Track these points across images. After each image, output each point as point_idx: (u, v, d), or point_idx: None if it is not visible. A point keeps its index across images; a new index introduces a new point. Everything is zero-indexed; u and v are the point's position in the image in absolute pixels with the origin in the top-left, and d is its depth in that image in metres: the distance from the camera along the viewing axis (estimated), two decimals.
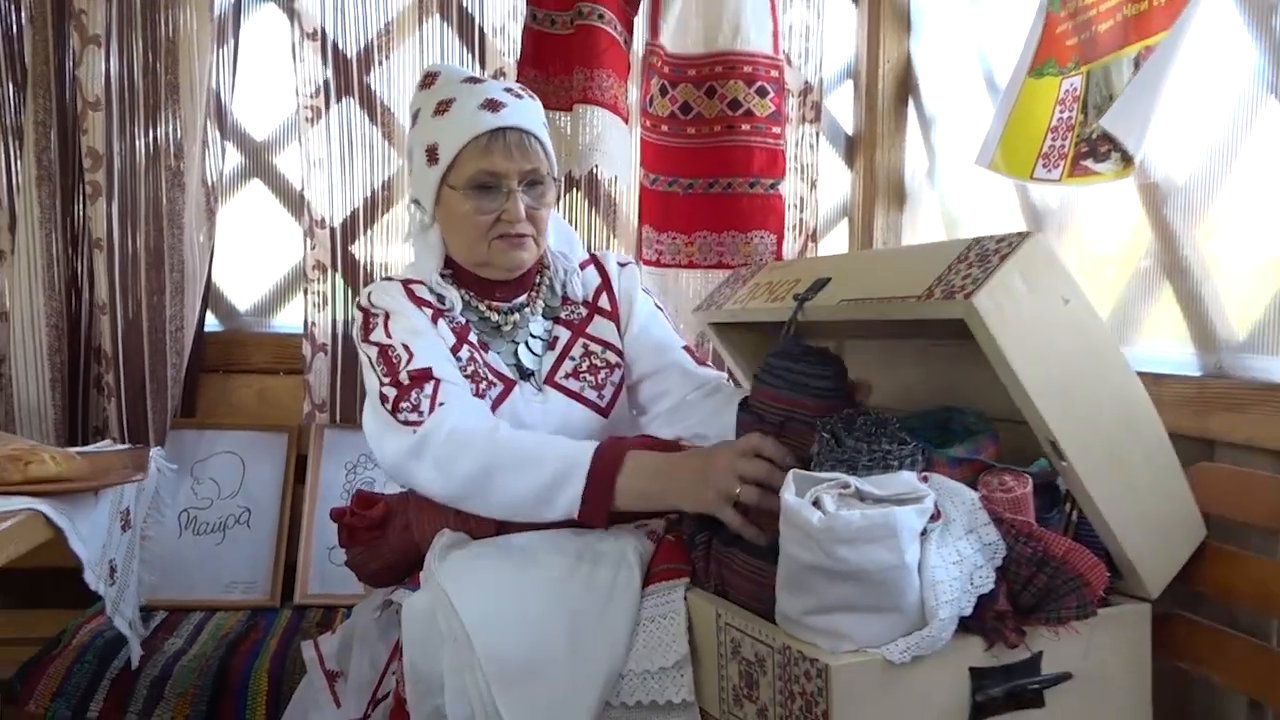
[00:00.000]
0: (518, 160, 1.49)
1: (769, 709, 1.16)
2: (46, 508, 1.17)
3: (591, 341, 1.62)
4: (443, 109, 1.52)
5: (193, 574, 2.14)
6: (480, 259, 1.54)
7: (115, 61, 2.08)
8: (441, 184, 1.51)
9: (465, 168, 1.49)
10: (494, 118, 1.49)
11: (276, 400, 2.33)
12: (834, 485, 1.13)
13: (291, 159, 2.35)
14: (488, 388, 1.51)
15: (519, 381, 1.55)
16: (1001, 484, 1.17)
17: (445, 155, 1.50)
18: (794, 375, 1.31)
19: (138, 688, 1.75)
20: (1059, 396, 1.17)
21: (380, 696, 1.49)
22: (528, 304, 1.61)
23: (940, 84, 2.36)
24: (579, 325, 1.63)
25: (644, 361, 1.65)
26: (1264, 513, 1.28)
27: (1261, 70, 1.43)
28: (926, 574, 1.10)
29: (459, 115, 1.50)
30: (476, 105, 1.50)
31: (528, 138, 1.51)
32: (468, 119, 1.49)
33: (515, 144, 1.49)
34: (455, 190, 1.50)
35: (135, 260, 2.11)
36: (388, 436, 1.41)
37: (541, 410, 1.54)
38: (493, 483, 1.35)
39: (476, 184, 1.49)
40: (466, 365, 1.51)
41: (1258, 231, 1.46)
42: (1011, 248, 1.17)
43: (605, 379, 1.61)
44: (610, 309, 1.65)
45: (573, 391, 1.57)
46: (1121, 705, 1.24)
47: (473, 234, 1.52)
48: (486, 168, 1.48)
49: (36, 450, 1.24)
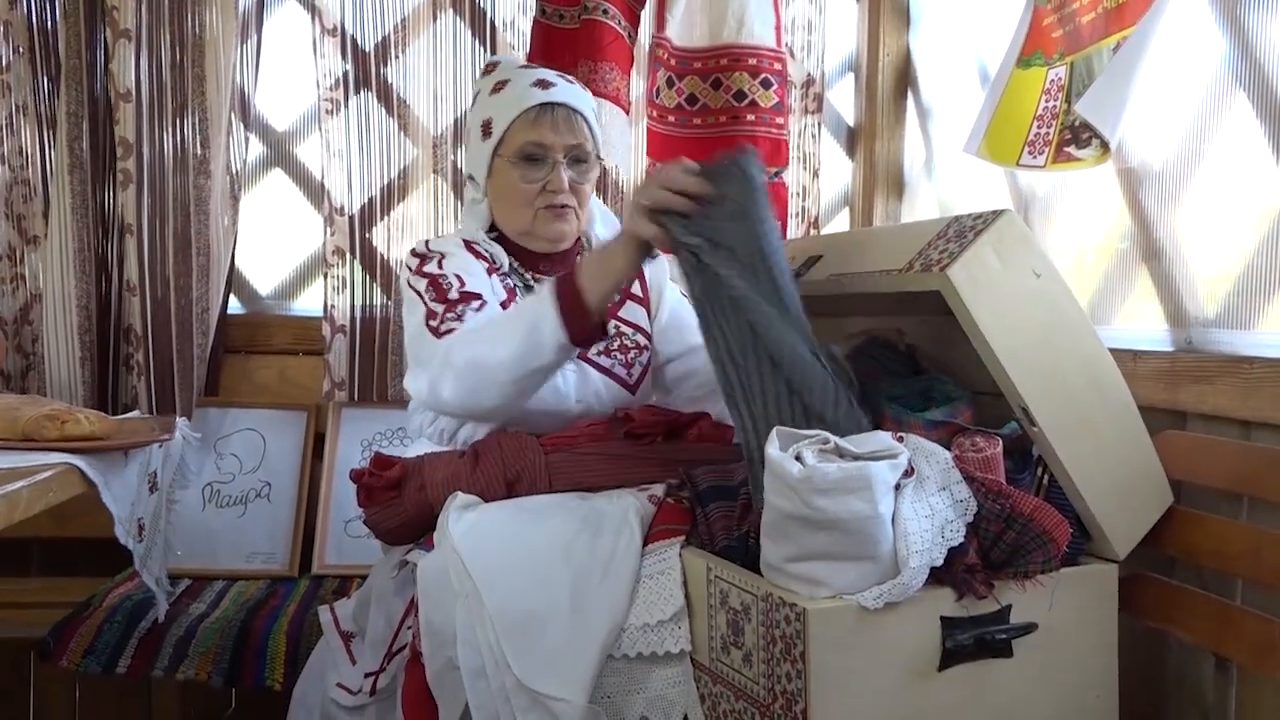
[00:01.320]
0: (564, 134, 1.60)
1: (753, 654, 1.24)
2: (82, 463, 1.26)
3: (623, 324, 1.71)
4: (499, 88, 1.64)
5: (216, 544, 2.24)
6: (525, 228, 1.64)
7: (145, 56, 2.18)
8: (494, 156, 1.62)
9: (515, 139, 1.60)
10: (544, 94, 1.61)
11: (296, 380, 2.43)
12: (814, 441, 1.21)
13: (310, 149, 2.45)
14: None
15: None
16: (973, 445, 1.24)
17: (498, 128, 1.61)
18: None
19: (164, 646, 1.85)
20: (1030, 365, 1.25)
21: (395, 650, 1.57)
22: None
23: (938, 77, 2.43)
24: (612, 308, 1.69)
25: (672, 344, 1.75)
26: (1226, 477, 1.35)
27: (1230, 60, 1.49)
28: (900, 525, 1.18)
29: (512, 92, 1.63)
30: (529, 84, 1.62)
31: (574, 115, 1.62)
32: (519, 94, 1.61)
33: (562, 119, 1.60)
34: (505, 160, 1.61)
35: (164, 245, 2.21)
36: (418, 370, 1.53)
37: (576, 380, 1.63)
38: (485, 357, 1.44)
39: (524, 154, 1.59)
40: None
41: (1226, 214, 1.52)
42: (986, 224, 1.25)
43: (634, 358, 1.70)
44: (642, 295, 1.75)
45: (604, 367, 1.67)
46: (1087, 660, 1.31)
47: (520, 201, 1.62)
48: (534, 139, 1.59)
49: (72, 411, 1.33)
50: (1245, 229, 1.48)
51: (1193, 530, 1.36)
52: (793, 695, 1.17)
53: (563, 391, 1.61)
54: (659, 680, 1.36)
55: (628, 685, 1.36)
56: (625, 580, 1.38)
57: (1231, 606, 1.29)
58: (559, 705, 1.30)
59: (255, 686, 1.85)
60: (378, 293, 2.38)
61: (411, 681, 1.49)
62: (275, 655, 1.87)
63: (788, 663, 1.18)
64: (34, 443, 1.29)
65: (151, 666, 1.82)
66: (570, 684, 1.32)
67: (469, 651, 1.35)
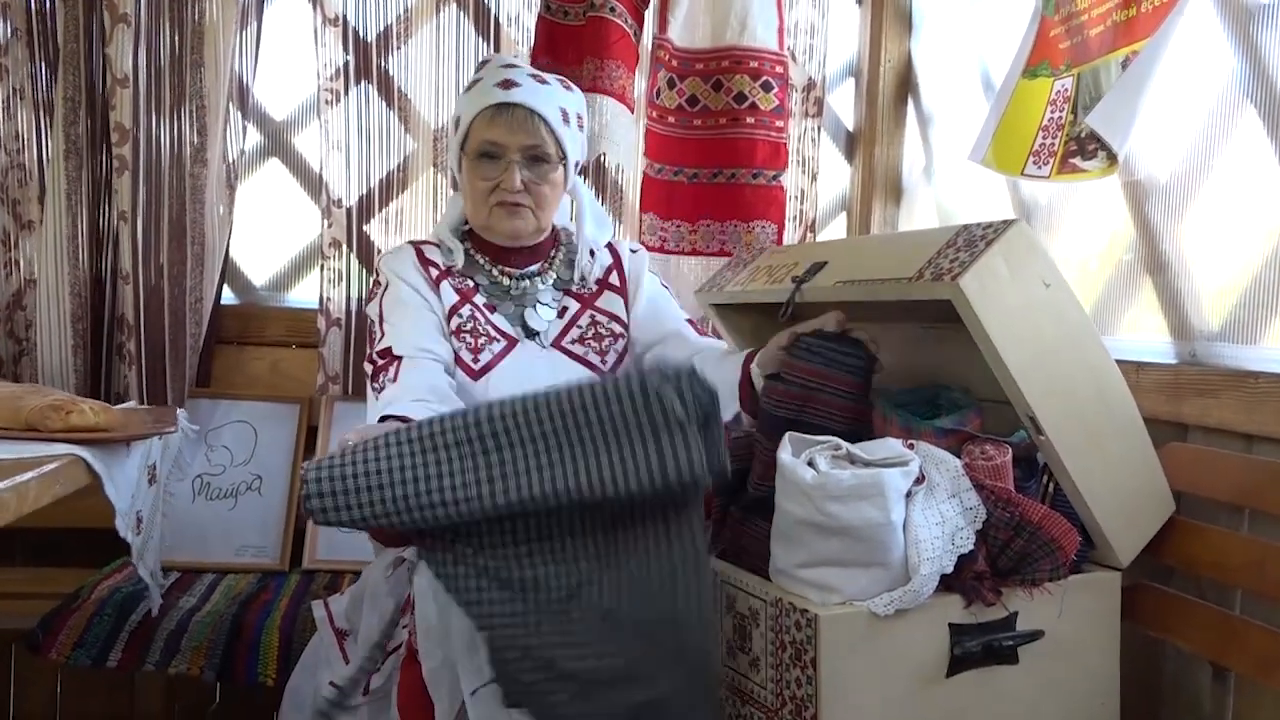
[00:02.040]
0: (518, 134, 1.62)
1: (760, 659, 1.24)
2: (87, 455, 1.25)
3: (599, 313, 1.73)
4: (471, 86, 1.68)
5: (206, 537, 2.21)
6: (483, 223, 1.69)
7: (144, 41, 2.15)
8: (460, 151, 1.67)
9: (475, 137, 1.64)
10: (504, 94, 1.63)
11: (289, 372, 2.40)
12: (826, 447, 1.21)
13: (307, 140, 2.43)
14: (488, 343, 1.64)
15: (523, 340, 1.67)
16: (983, 453, 1.25)
17: (463, 125, 1.66)
18: (830, 352, 1.38)
19: (155, 640, 1.82)
20: (1038, 374, 1.26)
21: (390, 649, 1.56)
22: (540, 273, 1.72)
23: (939, 83, 2.44)
24: (588, 299, 1.74)
25: (649, 332, 1.77)
26: (1229, 490, 1.37)
27: (1240, 76, 1.50)
28: (910, 532, 1.19)
29: (478, 90, 1.66)
30: (494, 83, 1.65)
31: (533, 116, 1.63)
32: (482, 93, 1.64)
33: (519, 119, 1.62)
34: (467, 157, 1.66)
35: (158, 233, 2.18)
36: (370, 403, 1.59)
37: (548, 366, 1.65)
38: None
39: (481, 152, 1.63)
40: (467, 322, 1.64)
41: (1232, 229, 1.54)
42: (997, 234, 1.26)
43: (609, 346, 1.72)
44: (620, 285, 1.77)
45: (577, 355, 1.69)
46: (1091, 667, 1.32)
47: (476, 198, 1.66)
48: (489, 137, 1.63)
49: (76, 401, 1.31)
50: (1252, 244, 1.49)
51: (1194, 541, 1.38)
52: (802, 701, 1.17)
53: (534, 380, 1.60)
54: None
55: None
56: None
57: (1235, 618, 1.30)
58: None
59: (248, 682, 1.83)
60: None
61: (407, 680, 1.49)
62: (268, 650, 1.85)
63: (798, 668, 1.18)
64: (37, 433, 1.27)
65: (143, 661, 1.80)
66: None
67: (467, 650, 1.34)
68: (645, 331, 1.75)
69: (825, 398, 1.36)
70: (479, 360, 1.63)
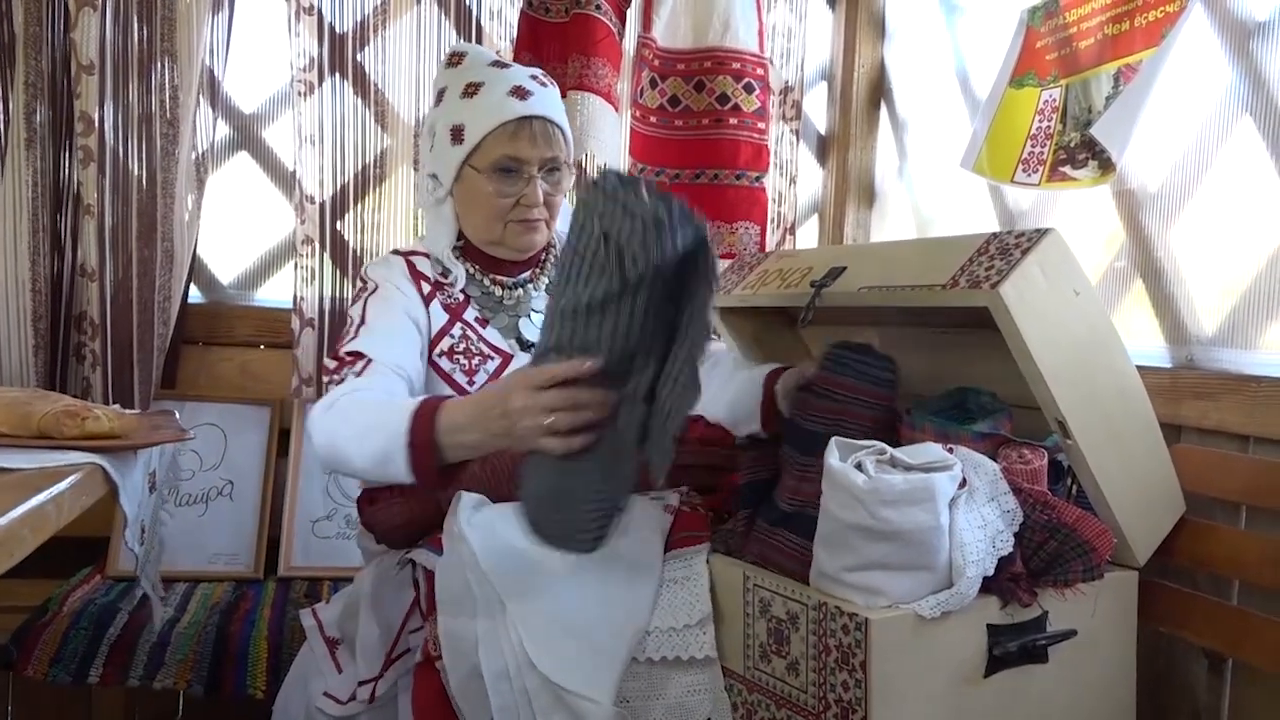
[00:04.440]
0: (541, 148, 1.56)
1: (800, 662, 1.25)
2: (104, 463, 1.19)
3: None
4: (471, 91, 1.57)
5: (174, 545, 2.11)
6: (494, 238, 1.61)
7: (110, 25, 2.06)
8: (464, 164, 1.57)
9: (490, 151, 1.55)
10: (522, 105, 1.55)
11: (259, 373, 2.33)
12: (871, 452, 1.22)
13: (277, 133, 2.35)
14: (482, 362, 1.58)
15: (518, 354, 1.61)
16: (1020, 457, 1.28)
17: (471, 137, 1.55)
18: (862, 365, 1.38)
19: (137, 654, 1.75)
20: (1068, 379, 1.29)
21: (395, 656, 1.53)
22: (531, 280, 1.68)
23: (913, 89, 2.49)
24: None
25: None
26: (1235, 489, 1.43)
27: (1237, 88, 1.57)
28: (955, 536, 1.20)
29: (487, 99, 1.56)
30: (505, 92, 1.56)
31: (552, 126, 1.58)
32: (496, 104, 1.55)
33: (540, 132, 1.56)
34: (478, 172, 1.56)
35: (125, 228, 2.09)
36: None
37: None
38: (342, 451, 1.40)
39: (500, 168, 1.55)
40: (459, 343, 1.57)
41: (1228, 236, 1.60)
42: (1032, 242, 1.28)
43: None
44: None
45: None
46: (1110, 664, 1.36)
47: (490, 214, 1.58)
48: (511, 153, 1.55)
49: (89, 407, 1.25)
50: (1248, 250, 1.55)
51: (1201, 538, 1.43)
52: (850, 704, 1.18)
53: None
54: (679, 687, 1.35)
55: (647, 690, 1.36)
56: (649, 583, 1.37)
57: (1251, 614, 1.35)
58: (586, 705, 1.28)
59: (236, 695, 1.77)
60: (348, 285, 2.30)
61: (423, 689, 1.45)
62: (257, 663, 1.79)
63: (844, 672, 1.19)
64: (51, 440, 1.20)
65: (126, 676, 1.72)
66: (598, 684, 1.30)
67: (491, 655, 1.32)
68: None
69: (858, 410, 1.36)
70: (474, 382, 1.58)
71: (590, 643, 1.32)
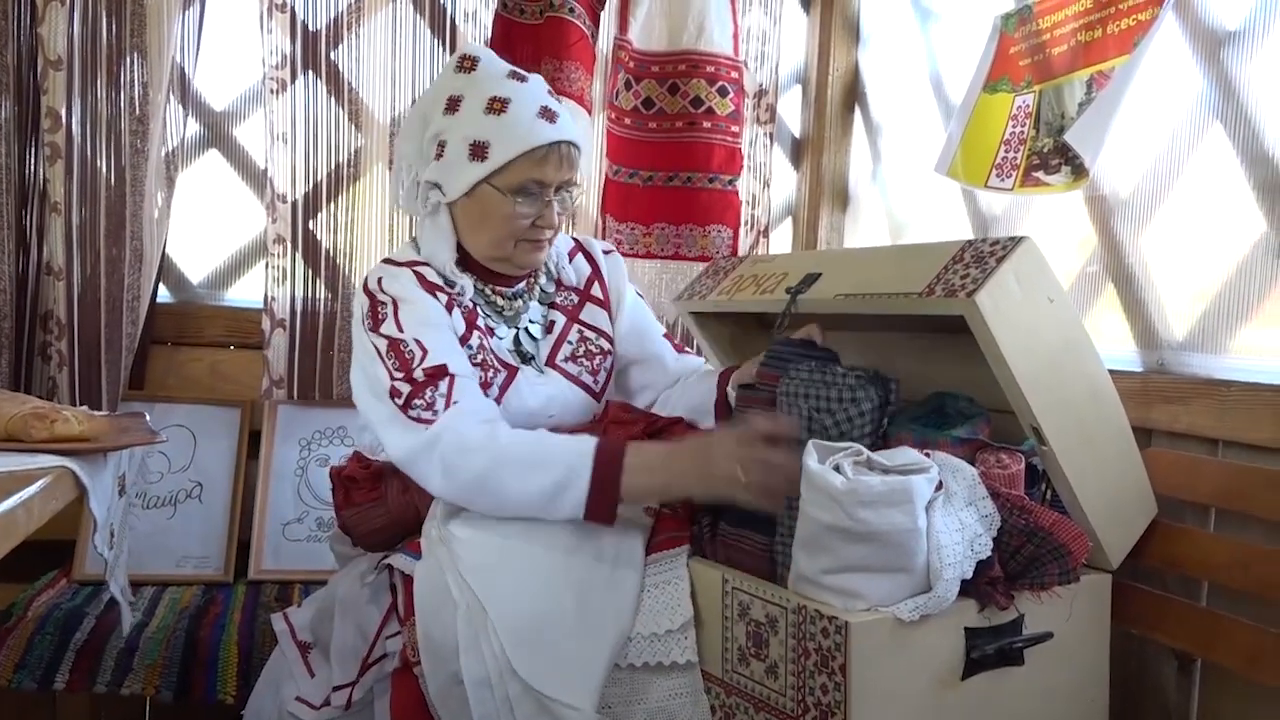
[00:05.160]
0: (564, 171, 1.53)
1: (779, 665, 1.25)
2: (75, 466, 1.17)
3: (585, 328, 1.68)
4: (498, 108, 1.50)
5: (142, 548, 2.09)
6: (502, 255, 1.56)
7: (78, 20, 2.02)
8: (483, 181, 1.51)
9: (516, 174, 1.50)
10: (553, 130, 1.51)
11: (229, 374, 2.30)
12: (850, 453, 1.22)
13: (249, 131, 2.33)
14: (494, 374, 1.54)
15: (521, 367, 1.59)
16: (998, 461, 1.29)
17: (498, 157, 1.49)
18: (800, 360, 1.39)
19: (104, 659, 1.72)
20: (1043, 386, 1.30)
21: (371, 661, 1.51)
22: (527, 290, 1.65)
23: (887, 93, 2.50)
24: (573, 311, 1.68)
25: (631, 349, 1.74)
26: (1205, 492, 1.45)
27: (1207, 96, 1.59)
28: (933, 539, 1.21)
29: (517, 120, 1.49)
30: (534, 113, 1.51)
31: (575, 150, 1.55)
32: (527, 127, 1.49)
33: (566, 156, 1.53)
34: (499, 191, 1.51)
35: (93, 226, 2.06)
36: (397, 432, 1.42)
37: (545, 394, 1.59)
38: (498, 487, 1.38)
39: (525, 191, 1.51)
40: (476, 354, 1.53)
41: (1199, 242, 1.62)
42: (1007, 251, 1.29)
43: (600, 364, 1.67)
44: (602, 298, 1.71)
45: (572, 375, 1.63)
46: (1085, 666, 1.38)
47: (505, 233, 1.53)
48: (538, 178, 1.51)
49: (58, 409, 1.23)
50: (1218, 256, 1.57)
51: (1178, 542, 1.44)
52: (829, 707, 1.19)
53: (534, 408, 1.58)
54: (660, 691, 1.35)
55: (629, 696, 1.36)
56: (631, 588, 1.37)
57: (1220, 615, 1.37)
58: (569, 712, 1.28)
59: (206, 701, 1.74)
60: (320, 286, 2.28)
61: (401, 695, 1.44)
62: (227, 667, 1.77)
63: (824, 675, 1.19)
64: (19, 443, 1.18)
65: (93, 681, 1.69)
66: (580, 691, 1.30)
67: (473, 661, 1.32)
68: (628, 347, 1.73)
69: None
70: (487, 394, 1.53)
71: (573, 648, 1.32)
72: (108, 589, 1.93)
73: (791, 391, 1.34)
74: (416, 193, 1.59)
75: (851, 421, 1.28)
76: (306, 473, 2.24)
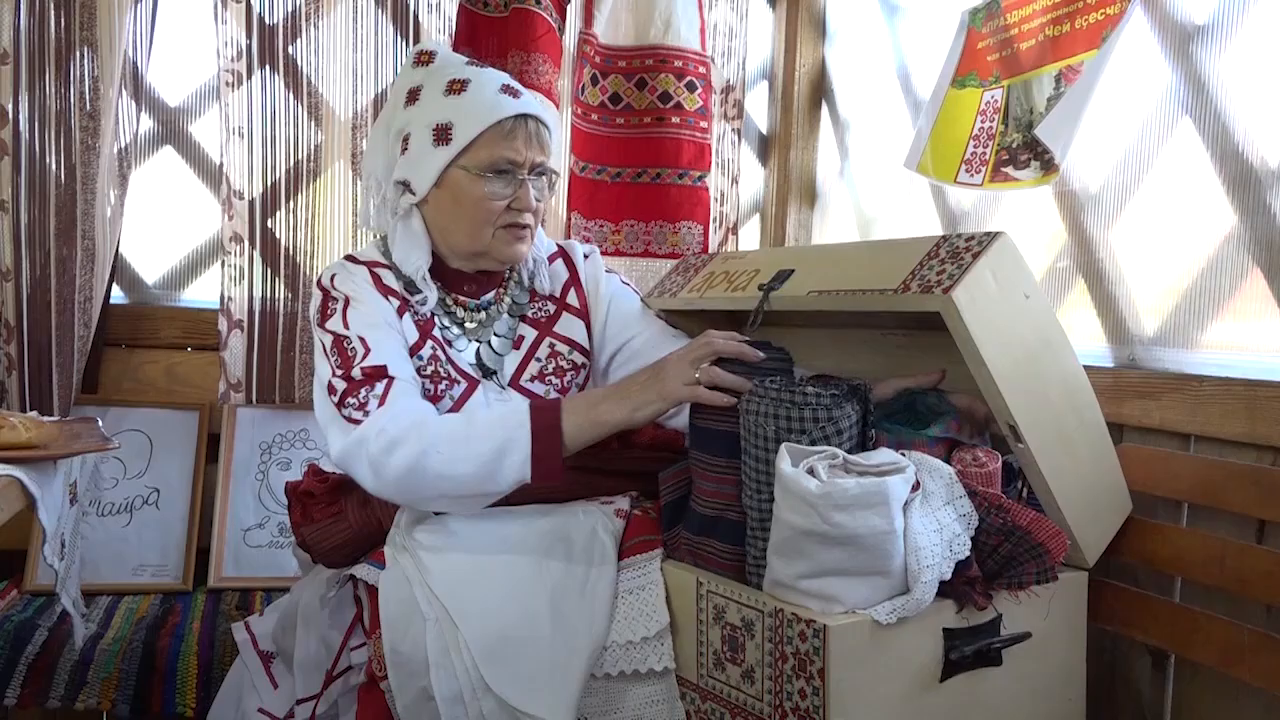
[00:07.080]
0: (534, 150, 1.49)
1: (756, 670, 1.23)
2: (21, 475, 1.12)
3: (559, 341, 1.60)
4: (458, 88, 1.47)
5: (97, 557, 2.04)
6: (480, 248, 1.51)
7: (25, 13, 1.95)
8: (451, 165, 1.46)
9: (483, 151, 1.45)
10: (516, 103, 1.47)
11: (186, 377, 2.24)
12: (824, 456, 1.20)
13: (204, 127, 2.27)
14: (450, 386, 1.50)
15: (482, 380, 1.54)
16: (975, 460, 1.27)
17: (462, 135, 1.45)
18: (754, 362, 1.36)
19: (58, 673, 1.67)
20: (1019, 384, 1.28)
21: (337, 674, 1.47)
22: (495, 301, 1.59)
23: (854, 89, 2.49)
24: (546, 323, 1.61)
25: (617, 336, 1.65)
26: (1178, 487, 1.44)
27: (1176, 90, 1.59)
28: (910, 540, 1.19)
29: (478, 96, 1.46)
30: (496, 89, 1.48)
31: (544, 128, 1.51)
32: (490, 102, 1.46)
33: (534, 133, 1.48)
34: (468, 173, 1.46)
35: (43, 225, 2.00)
36: (333, 430, 1.40)
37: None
38: (434, 470, 1.33)
39: (495, 169, 1.46)
40: (428, 364, 1.49)
41: (1168, 237, 1.62)
42: (983, 246, 1.27)
43: (570, 380, 1.60)
44: (579, 305, 1.64)
45: (537, 395, 1.56)
46: (1062, 664, 1.37)
47: (480, 219, 1.48)
48: (507, 154, 1.46)
49: (5, 416, 1.17)
50: (1188, 250, 1.57)
51: (1151, 538, 1.44)
52: (807, 712, 1.16)
53: None
54: (636, 699, 1.33)
55: (605, 706, 1.33)
56: (605, 596, 1.34)
57: (1194, 610, 1.37)
58: None
59: (165, 714, 1.69)
60: (280, 285, 2.23)
61: (368, 710, 1.39)
62: (186, 679, 1.72)
63: (801, 679, 1.17)
64: None
65: (46, 697, 1.64)
66: (556, 704, 1.27)
67: (444, 677, 1.28)
68: (614, 336, 1.65)
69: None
70: (439, 406, 1.48)
71: (547, 660, 1.29)
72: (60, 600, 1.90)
73: (758, 411, 1.25)
74: (386, 206, 1.54)
75: (829, 441, 1.23)
76: (267, 477, 2.19)
